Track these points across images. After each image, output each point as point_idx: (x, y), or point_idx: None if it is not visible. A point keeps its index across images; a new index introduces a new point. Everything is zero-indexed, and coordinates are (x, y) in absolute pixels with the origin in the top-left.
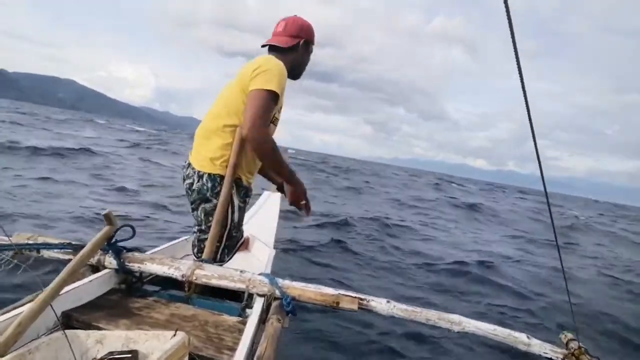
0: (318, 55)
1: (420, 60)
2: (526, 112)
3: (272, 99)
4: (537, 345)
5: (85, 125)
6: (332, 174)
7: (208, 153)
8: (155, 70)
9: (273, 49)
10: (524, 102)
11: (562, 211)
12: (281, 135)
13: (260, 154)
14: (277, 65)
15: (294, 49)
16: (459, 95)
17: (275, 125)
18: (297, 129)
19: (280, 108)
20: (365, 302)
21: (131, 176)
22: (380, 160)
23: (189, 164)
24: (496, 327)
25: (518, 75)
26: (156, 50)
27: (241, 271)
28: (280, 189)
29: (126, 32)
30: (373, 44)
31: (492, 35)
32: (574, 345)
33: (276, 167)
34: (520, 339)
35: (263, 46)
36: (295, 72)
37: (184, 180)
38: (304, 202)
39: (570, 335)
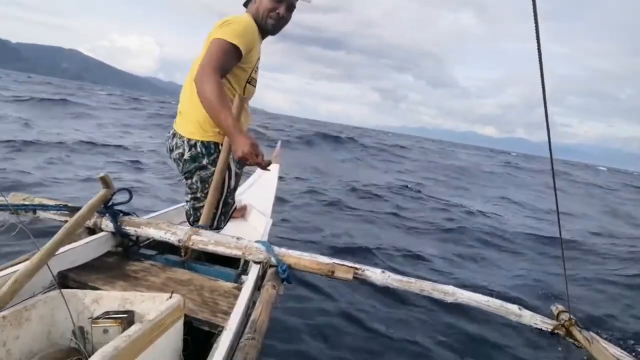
0: (323, 22)
1: (429, 24)
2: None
3: (230, 50)
4: (528, 317)
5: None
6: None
7: (196, 118)
8: (159, 39)
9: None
10: (539, 68)
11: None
12: (287, 105)
13: (200, 99)
14: (242, 20)
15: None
16: (469, 60)
17: (254, 86)
18: (303, 98)
19: (256, 68)
20: (360, 272)
21: None
22: (388, 129)
23: (175, 134)
24: (489, 298)
25: (535, 37)
26: (160, 19)
27: (237, 238)
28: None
29: (129, 1)
30: (380, 8)
31: None
32: (564, 317)
33: (213, 117)
34: (511, 310)
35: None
36: (262, 24)
37: (171, 150)
38: (253, 157)
39: (561, 307)
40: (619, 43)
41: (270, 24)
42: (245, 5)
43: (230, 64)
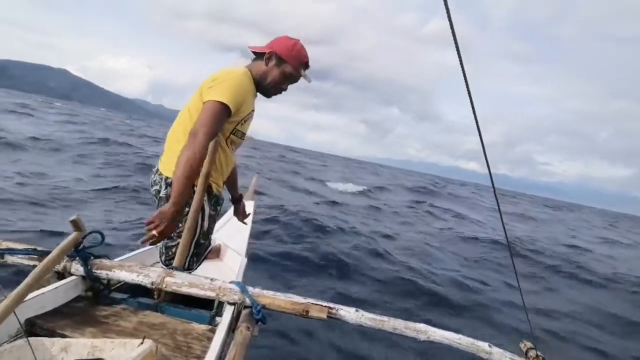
0: (312, 53)
1: (416, 60)
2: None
3: (221, 111)
4: (498, 354)
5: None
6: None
7: (176, 159)
8: (149, 63)
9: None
10: (470, 103)
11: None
12: (274, 133)
13: (185, 158)
14: (236, 77)
15: (262, 57)
16: (454, 97)
17: (239, 137)
18: (290, 127)
19: (246, 120)
20: (334, 312)
21: None
22: (375, 160)
23: (157, 170)
24: (460, 336)
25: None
26: (151, 42)
27: (212, 279)
28: (234, 201)
29: (120, 22)
30: (368, 42)
31: (485, 36)
32: (532, 354)
33: (181, 176)
34: (482, 347)
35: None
36: (261, 85)
37: (152, 186)
38: (157, 228)
39: (529, 344)
40: (598, 85)
41: (271, 93)
42: (255, 54)
43: (221, 126)
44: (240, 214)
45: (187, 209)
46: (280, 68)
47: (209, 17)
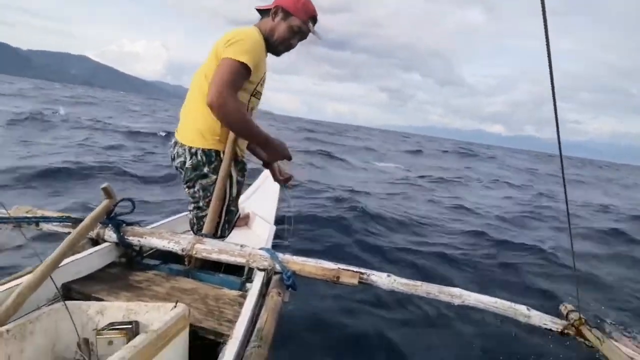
0: (330, 22)
1: (436, 22)
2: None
3: (242, 69)
4: (537, 317)
5: None
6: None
7: (197, 127)
8: (167, 44)
9: (261, 13)
10: (547, 62)
11: None
12: (294, 106)
13: (227, 122)
14: (250, 36)
15: (268, 13)
16: (476, 58)
17: (258, 99)
18: (310, 99)
19: (263, 81)
20: (365, 277)
21: None
22: (397, 128)
23: (176, 142)
24: (497, 299)
25: (544, 31)
26: (167, 23)
27: (241, 245)
28: (266, 165)
29: (136, 5)
30: (385, 8)
31: None
32: (574, 316)
33: (246, 135)
34: (520, 310)
35: (256, 10)
36: (270, 42)
37: (173, 159)
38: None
39: (570, 307)
40: (630, 37)
41: (280, 50)
42: (260, 11)
43: (241, 83)
44: (280, 175)
45: (213, 176)
46: (287, 22)
47: None
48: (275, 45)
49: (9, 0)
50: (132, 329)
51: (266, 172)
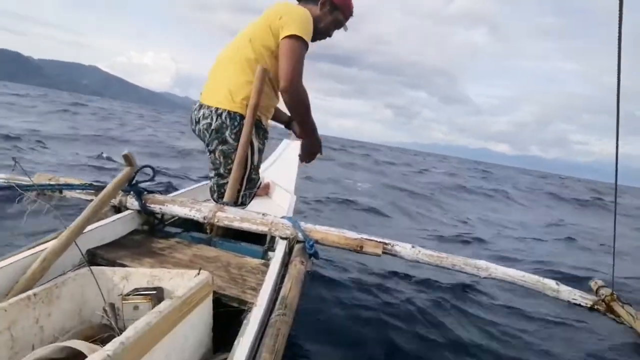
0: (336, 38)
1: (442, 41)
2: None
3: (305, 48)
4: (566, 292)
5: None
6: None
7: (228, 87)
8: (175, 56)
9: None
10: (616, 89)
11: None
12: None
13: (296, 107)
14: (305, 14)
15: (316, 0)
16: (482, 78)
17: None
18: (314, 113)
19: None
20: (389, 247)
21: None
22: (400, 145)
23: (201, 105)
24: (524, 273)
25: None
26: (176, 36)
27: (263, 214)
28: (288, 124)
29: (146, 18)
30: (393, 25)
31: (516, 14)
32: (605, 292)
33: (304, 121)
34: (549, 285)
35: None
36: (315, 30)
37: (197, 122)
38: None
39: (600, 282)
40: (633, 59)
41: (317, 38)
42: None
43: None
44: (310, 153)
45: (234, 143)
46: (333, 15)
47: (231, 8)
48: (318, 34)
49: (20, 10)
50: (156, 295)
51: (286, 142)
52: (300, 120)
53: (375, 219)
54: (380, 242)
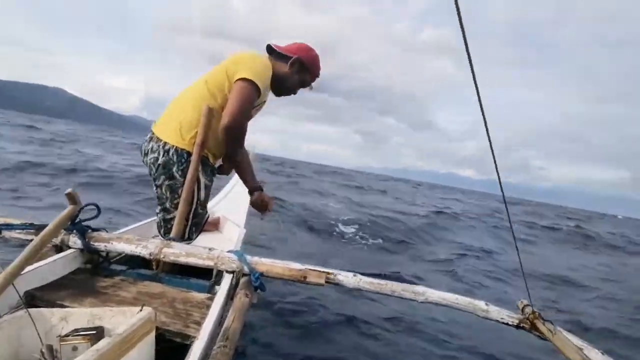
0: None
1: (411, 69)
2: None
3: (255, 91)
4: (494, 312)
5: None
6: None
7: (178, 125)
8: (145, 80)
9: (271, 52)
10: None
11: None
12: (270, 144)
13: (231, 143)
14: (263, 62)
15: (286, 59)
16: (448, 105)
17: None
18: (285, 139)
19: (260, 108)
20: (332, 277)
21: None
22: (371, 170)
23: (152, 137)
24: (458, 296)
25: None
26: (147, 59)
27: (210, 249)
28: (250, 192)
29: (116, 40)
30: (364, 53)
31: (478, 44)
32: (528, 310)
33: (233, 156)
34: (479, 306)
35: (268, 46)
36: (278, 84)
37: (146, 154)
38: (266, 206)
39: (525, 302)
40: (588, 90)
41: (283, 94)
42: (269, 50)
43: (252, 106)
44: (260, 208)
45: (181, 179)
46: (301, 75)
47: (205, 33)
48: (283, 90)
49: None
50: (96, 335)
51: (237, 176)
52: (230, 155)
53: None
54: (323, 272)
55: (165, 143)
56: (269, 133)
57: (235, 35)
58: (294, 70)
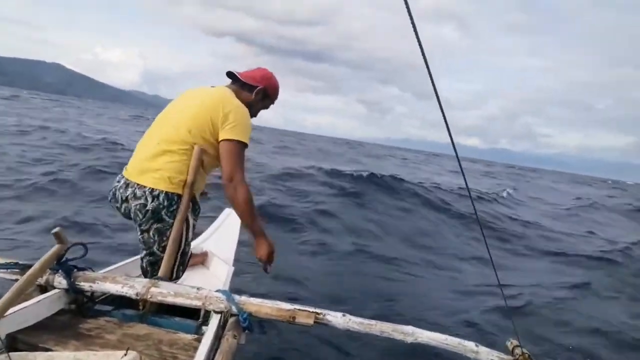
0: (304, 34)
1: (413, 36)
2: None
3: (244, 150)
4: (484, 353)
5: None
6: None
7: (166, 171)
8: (143, 52)
9: (234, 80)
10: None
11: None
12: (272, 118)
13: (239, 207)
14: (247, 115)
15: (252, 89)
16: (452, 73)
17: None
18: (289, 112)
19: None
20: (321, 317)
21: None
22: (374, 141)
23: (128, 183)
24: (447, 336)
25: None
26: (144, 32)
27: (198, 288)
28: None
29: (111, 12)
30: (363, 21)
31: (485, 10)
32: (518, 351)
33: (247, 221)
34: (469, 347)
35: (229, 72)
36: (250, 111)
37: (125, 201)
38: (269, 261)
39: (515, 342)
40: (595, 55)
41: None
42: (230, 76)
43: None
44: (270, 260)
45: (170, 221)
46: (264, 102)
47: (201, 1)
48: (252, 113)
49: None
50: None
51: (226, 211)
52: (243, 220)
53: None
54: (312, 312)
55: (152, 189)
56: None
57: (231, 5)
58: (259, 98)
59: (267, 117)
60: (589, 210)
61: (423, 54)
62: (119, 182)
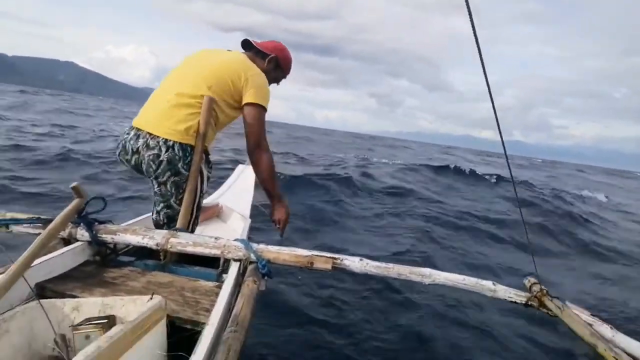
0: (314, 28)
1: (422, 28)
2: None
3: (265, 114)
4: (502, 291)
5: None
6: None
7: (181, 121)
8: (154, 49)
9: (248, 48)
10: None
11: None
12: (283, 112)
13: (263, 169)
14: (266, 81)
15: (265, 57)
16: (463, 64)
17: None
18: (300, 105)
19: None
20: (338, 262)
21: None
22: (385, 134)
23: (140, 134)
24: (464, 277)
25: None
26: (154, 29)
27: (216, 238)
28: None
29: (122, 10)
30: (373, 14)
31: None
32: (536, 288)
33: (269, 186)
34: (486, 286)
35: (245, 40)
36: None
37: (135, 152)
38: (284, 223)
39: (533, 280)
40: (612, 43)
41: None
42: (244, 45)
43: None
44: (285, 223)
45: (186, 173)
46: (276, 73)
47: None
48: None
49: None
50: (108, 323)
51: (241, 167)
52: (264, 183)
53: None
54: (330, 257)
55: (166, 140)
56: (283, 100)
57: (240, 0)
58: (271, 67)
59: (278, 112)
60: None
61: (479, 51)
62: (128, 134)
